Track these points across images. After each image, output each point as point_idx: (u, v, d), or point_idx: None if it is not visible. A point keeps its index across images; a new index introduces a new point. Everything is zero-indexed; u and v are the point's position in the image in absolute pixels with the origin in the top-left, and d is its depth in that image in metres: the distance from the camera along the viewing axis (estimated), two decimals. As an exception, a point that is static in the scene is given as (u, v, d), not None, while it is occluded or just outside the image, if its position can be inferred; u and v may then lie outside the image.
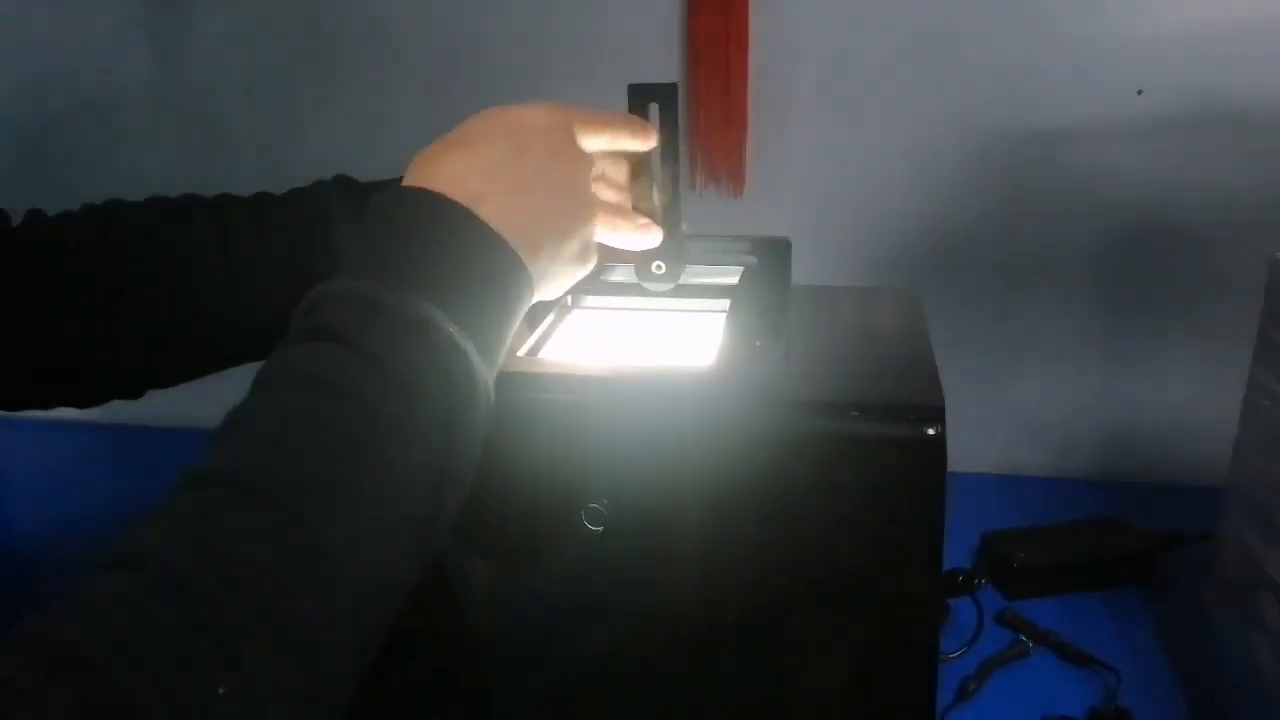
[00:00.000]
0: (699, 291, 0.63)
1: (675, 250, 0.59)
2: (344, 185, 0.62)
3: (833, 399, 0.50)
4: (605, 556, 0.50)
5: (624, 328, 0.63)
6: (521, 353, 0.56)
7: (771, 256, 0.60)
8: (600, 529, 0.49)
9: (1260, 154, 0.85)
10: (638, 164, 0.57)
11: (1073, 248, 0.91)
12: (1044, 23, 0.85)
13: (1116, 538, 0.84)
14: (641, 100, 0.57)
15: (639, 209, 0.58)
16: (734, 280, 0.64)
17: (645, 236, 0.57)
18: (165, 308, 0.59)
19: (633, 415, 0.50)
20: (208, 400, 0.53)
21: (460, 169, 0.46)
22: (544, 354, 0.59)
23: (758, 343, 0.58)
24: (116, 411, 0.64)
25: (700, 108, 0.92)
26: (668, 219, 0.58)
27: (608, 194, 0.59)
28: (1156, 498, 0.92)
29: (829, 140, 0.92)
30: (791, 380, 0.53)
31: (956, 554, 0.84)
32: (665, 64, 0.91)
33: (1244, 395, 0.67)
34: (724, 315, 0.61)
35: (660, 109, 0.56)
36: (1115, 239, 0.90)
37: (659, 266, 0.60)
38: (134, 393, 0.62)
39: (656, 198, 0.58)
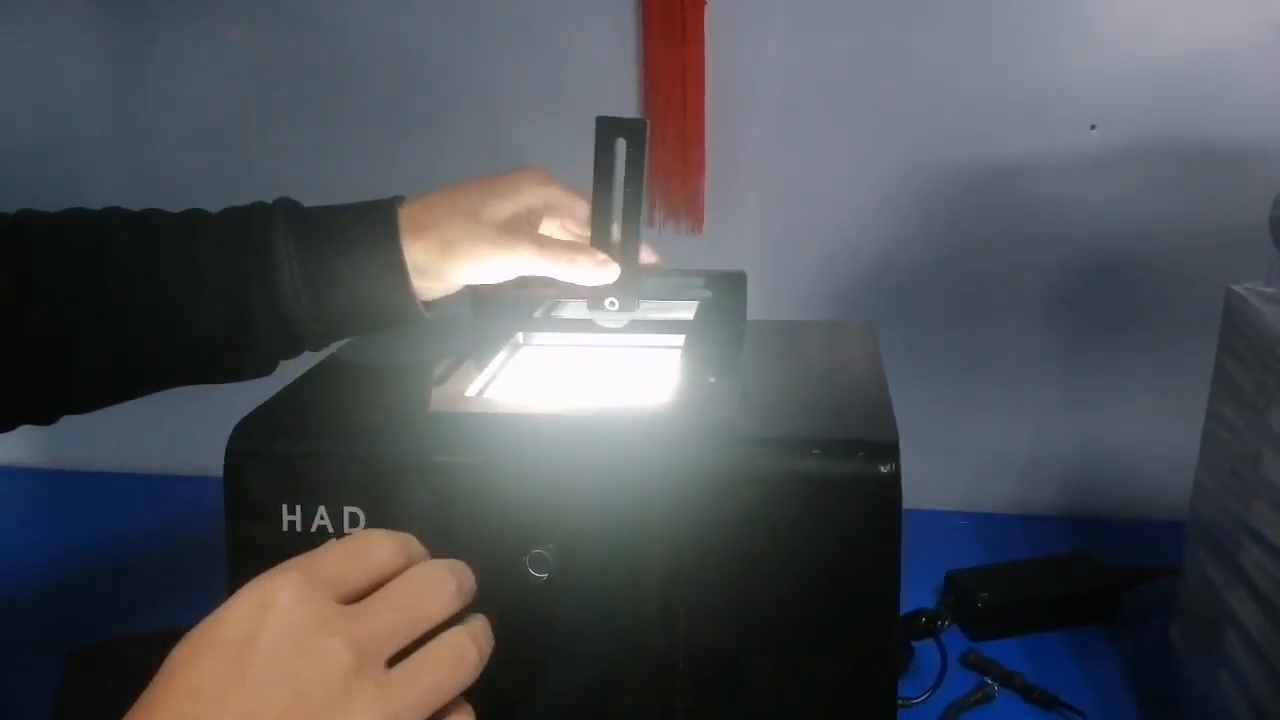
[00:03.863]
0: (653, 327, 0.62)
1: (631, 286, 0.58)
2: (286, 210, 0.59)
3: (784, 436, 0.49)
4: (551, 605, 0.48)
5: (575, 365, 0.62)
6: (469, 392, 0.55)
7: (727, 290, 0.59)
8: (545, 576, 0.48)
9: (1213, 187, 0.86)
10: (600, 200, 0.57)
11: (1030, 282, 0.91)
12: (999, 58, 0.86)
13: (1082, 574, 0.83)
14: (609, 135, 0.56)
15: (597, 244, 0.57)
16: (689, 315, 0.63)
17: (603, 272, 0.56)
18: (81, 323, 0.55)
19: (581, 456, 0.49)
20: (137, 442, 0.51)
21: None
22: (492, 393, 0.57)
23: (711, 379, 0.57)
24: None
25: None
26: (625, 254, 0.57)
27: (570, 228, 0.59)
28: (1122, 532, 0.91)
29: (787, 175, 0.92)
30: (743, 418, 0.52)
31: (921, 593, 0.82)
32: (623, 100, 0.91)
33: (1203, 428, 0.67)
34: (678, 351, 0.59)
35: (628, 144, 0.56)
36: (1072, 273, 0.91)
37: (613, 303, 0.58)
38: (46, 417, 0.58)
39: (616, 233, 0.57)
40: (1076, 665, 0.76)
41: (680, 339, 0.61)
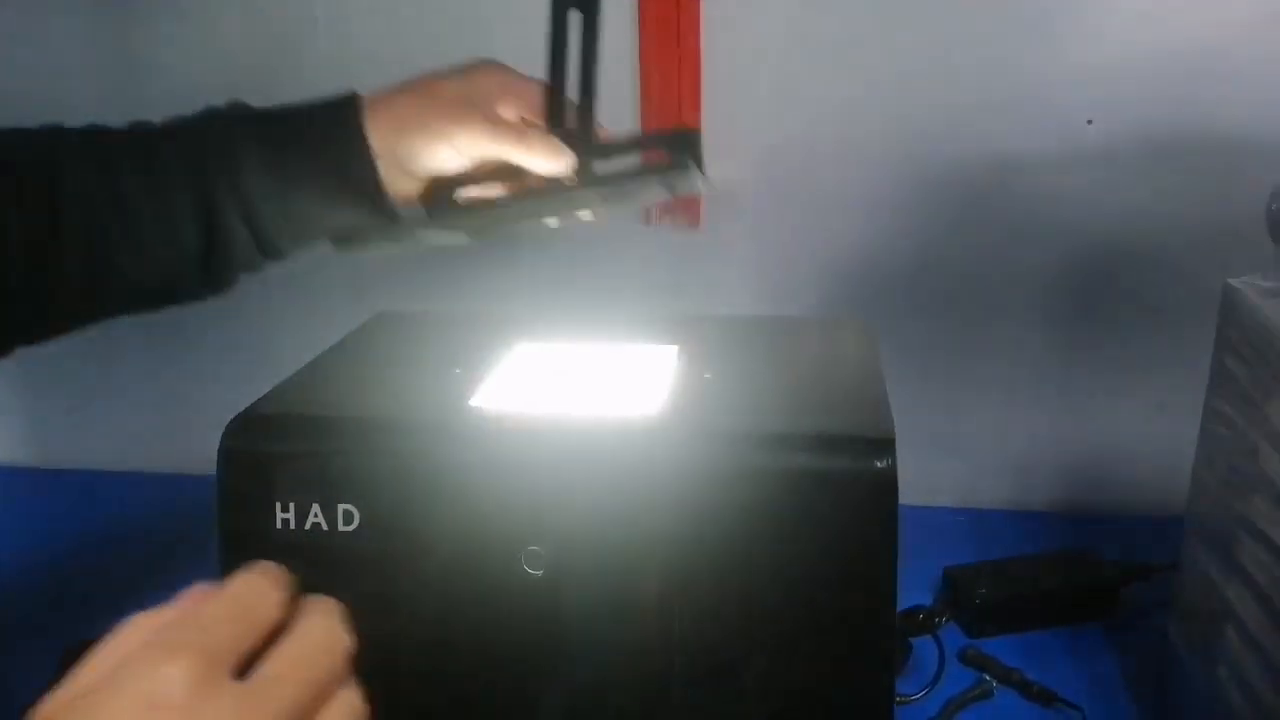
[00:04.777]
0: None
1: (587, 170, 0.56)
2: (241, 112, 0.57)
3: (781, 432, 0.49)
4: (546, 602, 0.48)
5: (571, 365, 0.62)
6: (465, 392, 0.55)
7: (682, 150, 0.55)
8: (540, 573, 0.47)
9: (1210, 182, 0.86)
10: (555, 80, 0.56)
11: (1027, 277, 0.91)
12: (996, 54, 0.86)
13: (1080, 570, 0.83)
14: (562, 7, 0.55)
15: (552, 127, 0.56)
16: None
17: (556, 157, 0.55)
18: (47, 261, 0.54)
19: (576, 453, 0.49)
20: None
21: None
22: (487, 392, 0.57)
23: (707, 376, 0.57)
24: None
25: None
26: (581, 137, 0.56)
27: (527, 118, 0.57)
28: (1120, 528, 0.91)
29: (784, 173, 0.92)
30: (739, 414, 0.52)
31: (919, 590, 0.82)
32: (619, 97, 0.91)
33: (1200, 423, 0.67)
34: (674, 349, 0.59)
35: (584, 18, 0.54)
36: (1068, 269, 0.90)
37: (587, 213, 0.58)
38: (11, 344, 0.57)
39: (572, 119, 0.56)
40: (1074, 662, 0.76)
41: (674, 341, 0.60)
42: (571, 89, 0.56)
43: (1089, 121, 0.86)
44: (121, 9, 0.96)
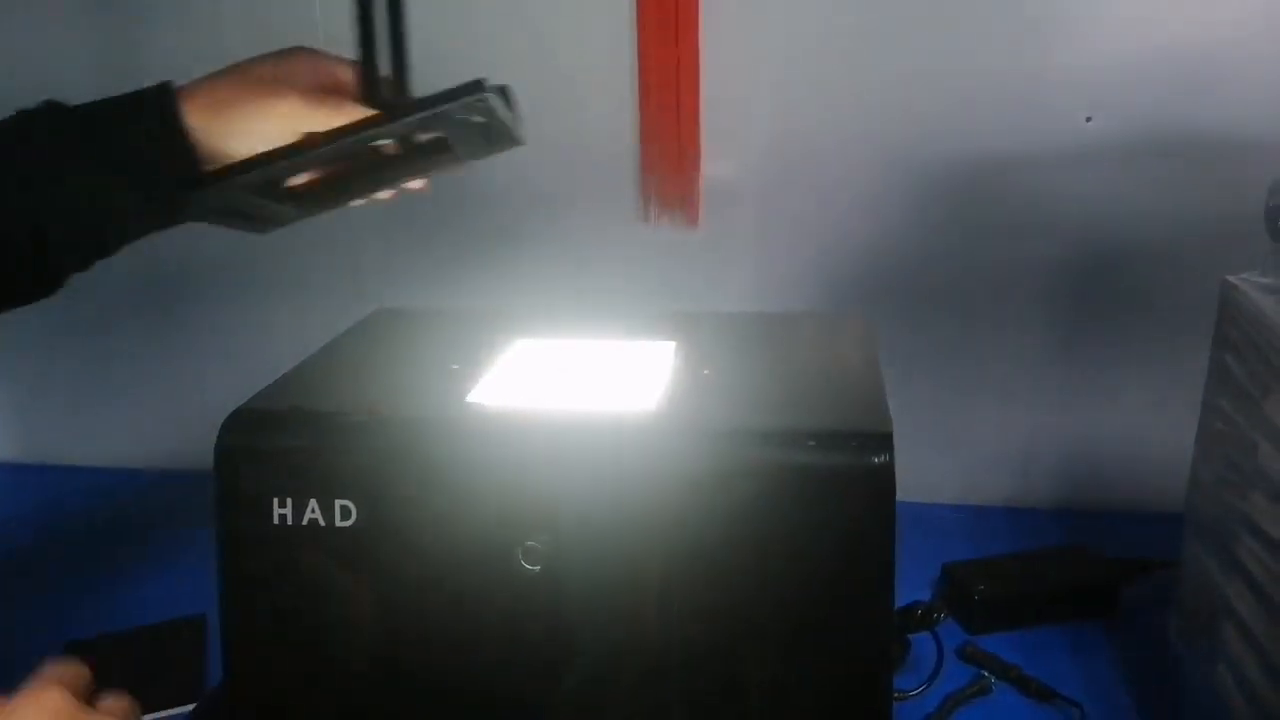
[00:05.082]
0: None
1: (408, 137, 0.57)
2: (55, 114, 0.57)
3: (778, 428, 0.49)
4: (544, 597, 0.48)
5: (568, 362, 0.62)
6: (463, 389, 0.55)
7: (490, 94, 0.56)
8: (538, 568, 0.47)
9: (1209, 178, 0.85)
10: (365, 49, 0.56)
11: (1025, 275, 0.91)
12: (994, 50, 0.86)
13: (1079, 567, 0.83)
14: None
15: (366, 97, 0.56)
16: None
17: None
18: None
19: (574, 449, 0.49)
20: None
21: None
22: (486, 389, 0.57)
23: (705, 371, 0.57)
24: None
25: (653, 139, 0.91)
26: (397, 106, 0.56)
27: (339, 89, 0.58)
28: (1120, 525, 0.91)
29: (783, 170, 0.91)
30: (737, 409, 0.52)
31: (917, 587, 0.82)
32: (618, 96, 0.91)
33: (1199, 420, 0.66)
34: (672, 346, 0.59)
35: None
36: (1067, 265, 0.90)
37: (417, 182, 0.59)
38: None
39: (388, 92, 0.56)
40: (1074, 658, 0.75)
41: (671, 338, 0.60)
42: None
43: (1088, 119, 0.86)
44: (121, 9, 0.96)
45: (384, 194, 0.61)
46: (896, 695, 0.65)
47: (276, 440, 0.50)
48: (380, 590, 0.49)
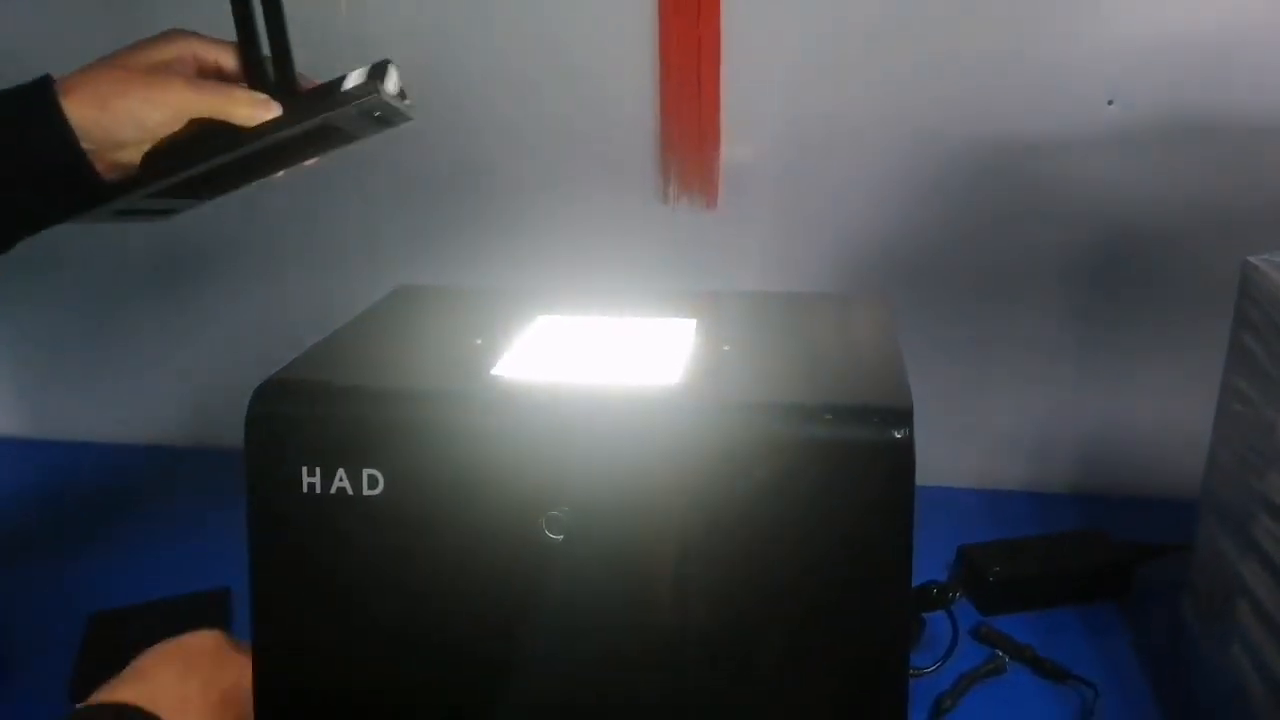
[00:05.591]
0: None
1: (296, 117, 0.57)
2: None
3: (798, 402, 0.49)
4: (566, 566, 0.49)
5: (592, 337, 0.62)
6: (489, 361, 0.55)
7: (376, 78, 0.56)
8: (561, 537, 0.48)
9: (1229, 162, 0.85)
10: (246, 36, 0.57)
11: (1045, 259, 0.91)
12: (1016, 33, 0.85)
13: (1094, 550, 0.83)
14: None
15: (253, 82, 0.57)
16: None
17: (261, 107, 0.56)
18: None
19: (597, 421, 0.49)
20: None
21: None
22: (511, 362, 0.57)
23: (726, 348, 0.57)
24: None
25: (673, 120, 0.92)
26: (282, 86, 0.57)
27: (222, 73, 0.58)
28: (1134, 509, 0.91)
29: (802, 152, 0.92)
30: (757, 384, 0.52)
31: (933, 568, 0.82)
32: (639, 76, 0.91)
33: (1217, 401, 0.67)
34: (692, 323, 0.60)
35: None
36: (1087, 249, 0.90)
37: (312, 161, 0.59)
38: None
39: (270, 73, 0.57)
40: (1087, 639, 0.76)
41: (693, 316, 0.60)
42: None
43: (1109, 102, 0.86)
44: (123, 7, 0.96)
45: (278, 175, 0.62)
46: (911, 672, 0.65)
47: (306, 410, 0.51)
48: (406, 558, 0.50)
